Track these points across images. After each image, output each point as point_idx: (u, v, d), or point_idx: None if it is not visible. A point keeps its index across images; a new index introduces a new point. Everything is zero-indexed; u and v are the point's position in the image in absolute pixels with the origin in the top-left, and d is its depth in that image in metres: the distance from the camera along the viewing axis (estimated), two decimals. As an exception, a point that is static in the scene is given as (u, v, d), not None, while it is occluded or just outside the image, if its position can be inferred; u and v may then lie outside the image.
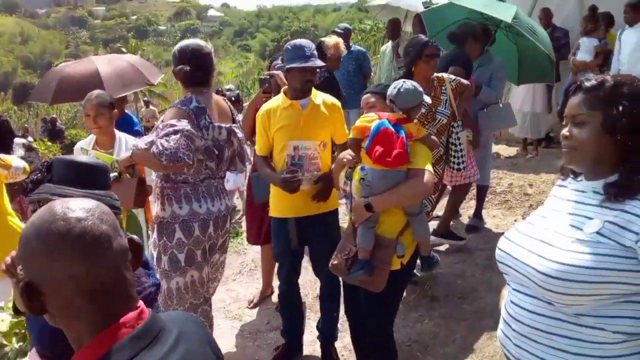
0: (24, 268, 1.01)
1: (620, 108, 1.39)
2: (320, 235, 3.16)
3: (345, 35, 6.78)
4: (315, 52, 3.04)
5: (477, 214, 4.84)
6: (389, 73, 6.69)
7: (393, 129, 2.43)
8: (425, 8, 6.66)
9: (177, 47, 2.91)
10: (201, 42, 2.94)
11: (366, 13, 28.03)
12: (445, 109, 3.59)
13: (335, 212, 3.28)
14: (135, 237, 1.14)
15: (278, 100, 3.14)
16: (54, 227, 0.97)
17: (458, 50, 4.35)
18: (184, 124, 2.67)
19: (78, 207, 1.01)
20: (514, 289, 1.57)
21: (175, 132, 2.62)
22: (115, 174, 2.86)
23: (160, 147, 2.57)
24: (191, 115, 2.75)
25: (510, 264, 1.56)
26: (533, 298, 1.48)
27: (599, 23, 6.45)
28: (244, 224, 4.83)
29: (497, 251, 1.62)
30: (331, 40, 4.56)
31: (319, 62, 3.01)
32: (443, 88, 3.61)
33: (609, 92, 1.42)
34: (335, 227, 3.28)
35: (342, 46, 4.64)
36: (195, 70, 2.82)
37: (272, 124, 3.10)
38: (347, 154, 2.68)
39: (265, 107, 3.20)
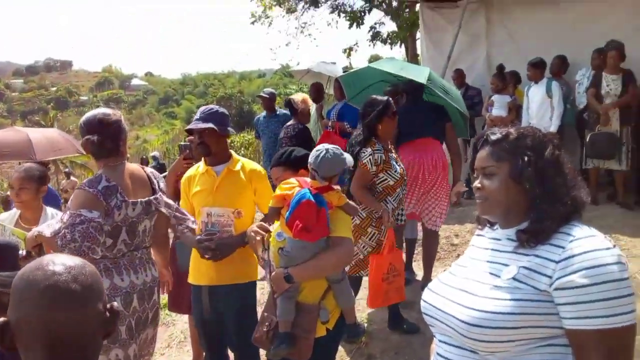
0: (9, 307, 1.11)
1: (526, 158, 1.46)
2: (233, 307, 3.05)
3: (270, 99, 6.99)
4: (210, 115, 3.02)
5: (408, 267, 4.89)
6: (314, 134, 6.84)
7: (314, 200, 2.36)
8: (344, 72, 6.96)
9: (83, 118, 2.76)
10: (108, 110, 2.80)
11: (291, 78, 28.83)
12: (396, 171, 3.71)
13: (251, 285, 3.16)
14: (115, 304, 1.20)
15: (199, 167, 3.15)
16: (32, 274, 1.09)
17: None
18: (94, 215, 2.51)
19: (61, 262, 1.12)
20: (440, 341, 1.57)
21: (82, 222, 2.46)
22: (22, 252, 2.67)
23: (64, 240, 2.43)
24: (99, 198, 2.57)
25: (434, 315, 1.56)
26: (458, 348, 1.48)
27: (507, 81, 6.96)
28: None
29: (422, 303, 1.63)
30: (298, 96, 5.04)
31: (204, 125, 2.96)
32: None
33: (513, 144, 1.50)
34: (250, 299, 3.17)
35: (310, 101, 4.95)
36: (104, 139, 2.66)
37: (191, 190, 3.10)
38: (258, 230, 2.64)
39: (188, 172, 3.22)
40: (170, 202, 2.95)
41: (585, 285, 1.30)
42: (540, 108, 6.48)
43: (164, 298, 5.24)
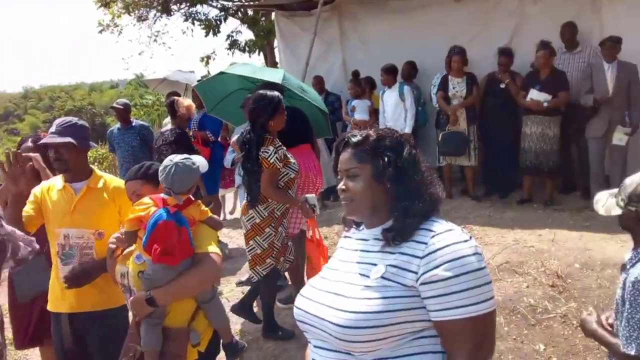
0: None
1: (386, 159, 1.51)
2: (96, 336, 2.79)
3: (125, 110, 6.60)
4: (68, 128, 2.75)
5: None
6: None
7: (173, 220, 2.18)
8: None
9: None
10: None
11: (146, 88, 27.59)
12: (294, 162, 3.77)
13: (118, 310, 2.85)
14: None
15: (56, 182, 2.84)
16: None
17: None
18: None
19: None
20: (315, 346, 1.55)
21: None
22: None
23: None
24: None
25: (307, 320, 1.55)
26: (333, 352, 1.48)
27: (362, 86, 7.20)
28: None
29: (295, 309, 1.61)
30: (185, 101, 5.16)
31: (61, 139, 2.68)
32: None
33: (373, 145, 1.54)
34: (117, 326, 2.85)
35: (194, 109, 5.45)
36: None
37: (44, 205, 2.79)
38: (117, 242, 2.42)
39: (46, 183, 2.89)
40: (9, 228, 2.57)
41: (448, 278, 1.37)
42: (395, 111, 6.80)
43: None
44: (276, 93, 3.75)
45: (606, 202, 2.21)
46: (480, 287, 1.38)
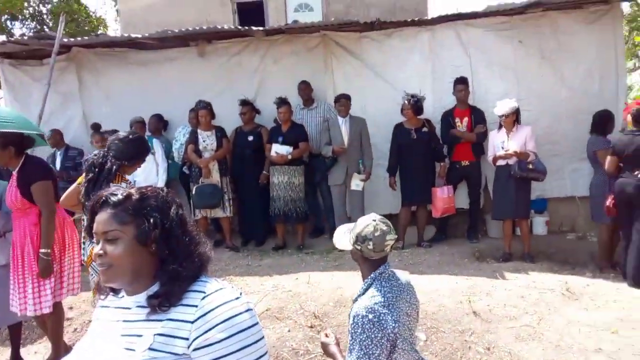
0: None
1: (152, 219, 1.41)
2: None
3: None
4: None
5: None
6: None
7: None
8: None
9: None
10: None
11: None
12: None
13: None
14: None
15: None
16: None
17: None
18: None
19: None
20: None
21: None
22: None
23: None
24: None
25: None
26: None
27: (106, 140, 6.74)
28: None
29: None
30: None
31: None
32: None
33: (137, 205, 1.43)
34: None
35: None
36: None
37: None
38: None
39: None
40: None
41: (223, 339, 1.31)
42: (147, 165, 6.50)
43: None
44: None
45: (342, 237, 2.44)
46: (256, 344, 1.37)
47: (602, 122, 5.73)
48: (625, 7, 9.96)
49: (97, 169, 3.42)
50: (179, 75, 7.25)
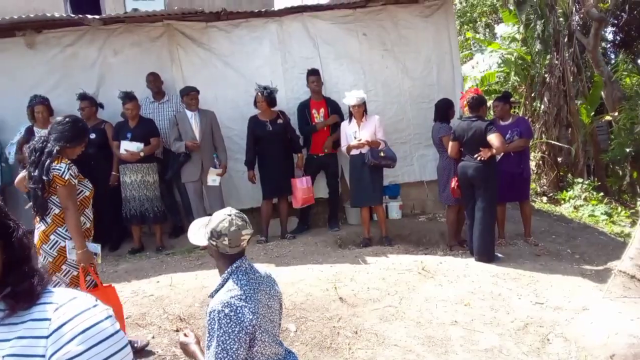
0: None
1: None
2: None
3: None
4: None
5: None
6: None
7: None
8: None
9: None
10: None
11: None
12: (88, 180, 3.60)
13: None
14: None
15: None
16: None
17: None
18: None
19: None
20: None
21: None
22: None
23: None
24: None
25: None
26: None
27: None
28: None
29: None
30: None
31: None
32: None
33: None
34: None
35: None
36: None
37: None
38: None
39: None
40: None
41: (82, 352, 1.19)
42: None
43: None
44: (77, 118, 3.70)
45: (197, 233, 2.38)
46: (121, 352, 1.25)
47: (444, 109, 6.19)
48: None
49: (38, 153, 3.41)
50: (8, 68, 6.48)
